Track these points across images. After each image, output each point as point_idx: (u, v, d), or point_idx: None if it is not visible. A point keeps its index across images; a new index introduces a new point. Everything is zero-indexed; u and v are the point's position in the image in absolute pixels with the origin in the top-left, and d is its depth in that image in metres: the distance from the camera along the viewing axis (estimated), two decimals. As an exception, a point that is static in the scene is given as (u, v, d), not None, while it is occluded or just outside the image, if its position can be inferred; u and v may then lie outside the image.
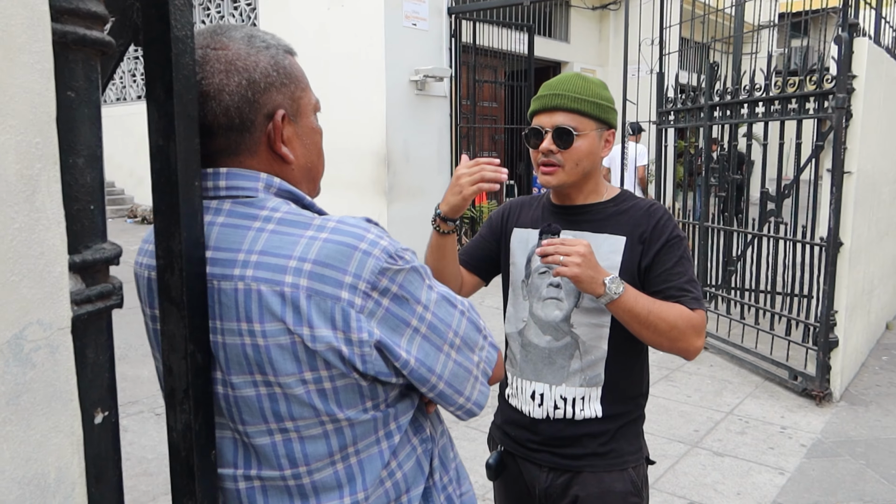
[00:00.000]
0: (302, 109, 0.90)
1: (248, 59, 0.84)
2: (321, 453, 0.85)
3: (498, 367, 0.98)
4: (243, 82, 0.83)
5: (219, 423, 0.87)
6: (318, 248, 0.79)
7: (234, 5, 9.32)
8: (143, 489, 2.93)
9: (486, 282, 1.66)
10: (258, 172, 0.86)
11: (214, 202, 0.86)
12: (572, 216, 1.50)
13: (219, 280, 0.81)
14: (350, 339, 0.80)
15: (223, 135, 0.84)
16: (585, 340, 1.45)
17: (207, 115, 0.83)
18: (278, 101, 0.86)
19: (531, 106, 1.49)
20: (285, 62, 0.88)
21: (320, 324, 0.79)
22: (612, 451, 1.47)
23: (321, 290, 0.78)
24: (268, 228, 0.82)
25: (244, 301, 0.80)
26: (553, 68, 11.43)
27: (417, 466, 0.93)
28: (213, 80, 0.82)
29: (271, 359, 0.80)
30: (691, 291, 1.41)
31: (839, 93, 3.71)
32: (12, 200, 0.57)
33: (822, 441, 3.48)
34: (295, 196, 0.88)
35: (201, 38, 0.85)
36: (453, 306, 0.89)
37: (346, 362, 0.80)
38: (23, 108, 0.57)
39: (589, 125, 1.42)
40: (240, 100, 0.83)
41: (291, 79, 0.88)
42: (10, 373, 0.58)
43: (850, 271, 3.91)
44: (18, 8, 0.56)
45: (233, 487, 0.88)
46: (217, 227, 0.84)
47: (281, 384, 0.81)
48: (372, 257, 0.80)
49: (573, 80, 1.44)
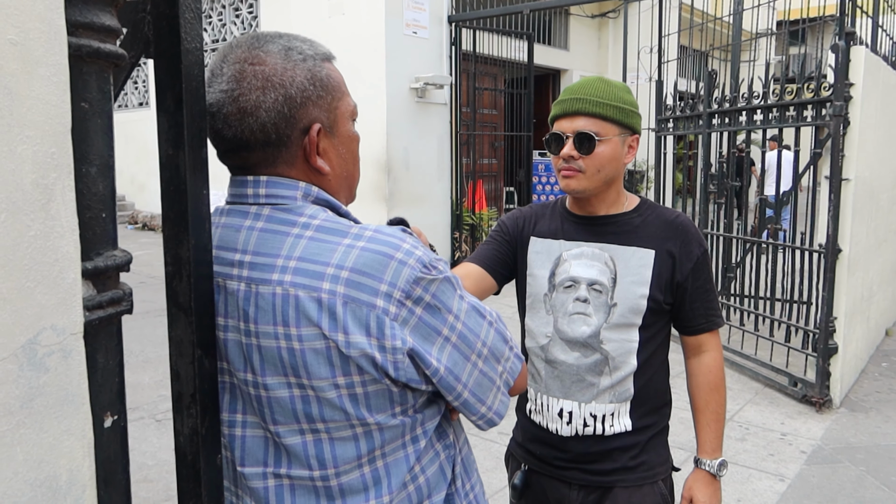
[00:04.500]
0: (339, 119, 0.91)
1: (285, 74, 0.85)
2: (350, 456, 0.86)
3: (521, 377, 0.98)
4: (280, 98, 0.84)
5: (249, 423, 0.88)
6: (355, 257, 0.81)
7: (235, 13, 9.37)
8: (143, 496, 2.93)
9: (499, 287, 1.57)
10: (297, 181, 0.88)
11: (254, 208, 0.87)
12: (596, 227, 1.45)
13: (257, 284, 0.83)
14: (384, 346, 0.81)
15: (260, 149, 0.86)
16: (615, 356, 1.42)
17: (245, 132, 0.84)
18: (314, 115, 0.87)
19: (552, 111, 1.44)
20: (322, 73, 0.89)
21: (355, 330, 0.80)
22: (643, 464, 1.45)
23: (357, 298, 0.80)
24: (306, 235, 0.84)
25: (282, 305, 0.81)
26: (553, 76, 11.48)
27: (440, 472, 0.94)
28: (250, 96, 0.83)
29: (306, 362, 0.81)
30: (716, 309, 1.49)
31: (837, 100, 3.73)
32: (28, 209, 0.58)
33: (822, 448, 3.49)
34: (332, 205, 0.90)
35: (239, 51, 0.86)
36: (482, 317, 0.91)
37: (379, 369, 0.82)
38: (39, 118, 0.59)
39: (612, 130, 1.37)
40: (276, 116, 0.84)
41: (328, 90, 0.89)
42: (24, 377, 0.59)
43: (849, 278, 3.92)
44: (36, 22, 0.58)
45: (261, 486, 0.89)
46: (256, 233, 0.86)
47: (314, 387, 0.82)
48: (407, 267, 0.82)
49: (595, 83, 1.40)
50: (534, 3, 7.34)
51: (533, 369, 1.51)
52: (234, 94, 0.84)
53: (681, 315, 1.46)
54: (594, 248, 1.44)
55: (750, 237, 4.94)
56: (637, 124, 1.42)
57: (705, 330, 1.47)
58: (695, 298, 1.44)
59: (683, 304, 1.44)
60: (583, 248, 1.44)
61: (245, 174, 0.89)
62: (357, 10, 7.47)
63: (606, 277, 1.41)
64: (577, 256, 1.44)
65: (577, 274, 1.43)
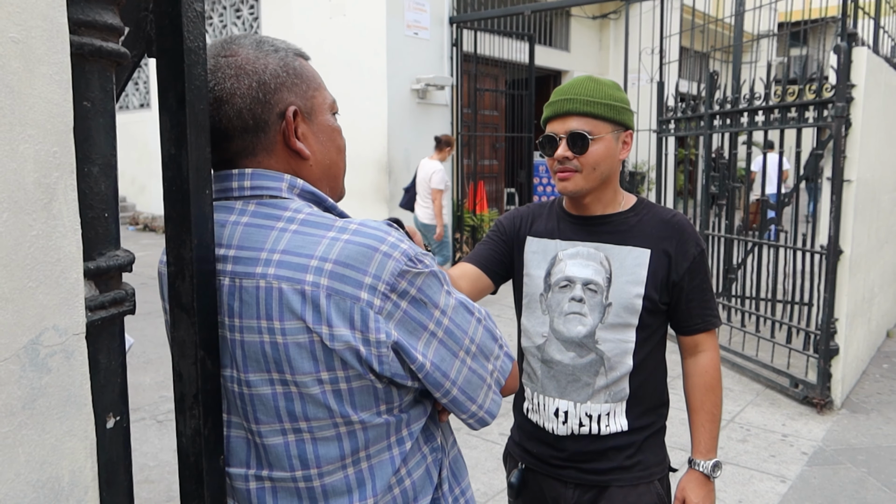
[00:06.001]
0: (316, 108, 0.92)
1: (258, 62, 0.86)
2: (333, 456, 0.85)
3: (512, 377, 0.98)
4: (253, 84, 0.85)
5: (232, 423, 0.88)
6: (339, 249, 0.81)
7: (236, 15, 9.38)
8: (144, 496, 2.93)
9: (495, 287, 1.58)
10: (282, 173, 0.88)
11: (239, 202, 0.87)
12: (592, 227, 1.46)
13: (241, 278, 0.83)
14: (368, 339, 0.81)
15: (239, 137, 0.86)
16: (611, 356, 1.42)
17: (222, 120, 0.85)
18: (290, 100, 0.88)
19: (544, 113, 1.44)
20: (295, 63, 0.90)
21: (339, 323, 0.80)
22: (639, 464, 1.45)
23: (341, 290, 0.80)
24: (291, 229, 0.83)
25: (265, 299, 0.81)
26: (553, 77, 11.48)
27: (426, 475, 0.93)
28: (224, 85, 0.85)
29: (289, 357, 0.81)
30: (713, 309, 1.48)
31: (838, 101, 3.73)
32: (30, 208, 0.58)
33: (823, 449, 3.48)
34: (317, 198, 0.90)
35: (213, 49, 0.87)
36: (470, 313, 0.90)
37: (363, 362, 0.81)
38: (41, 118, 0.58)
39: (604, 128, 1.38)
40: (251, 101, 0.85)
41: (302, 78, 0.90)
42: (26, 377, 0.59)
43: (851, 279, 3.91)
44: (38, 20, 0.57)
45: (243, 487, 0.88)
46: (241, 227, 0.85)
47: (297, 383, 0.82)
48: (392, 259, 0.82)
49: (584, 83, 1.40)
50: (535, 4, 7.35)
51: (529, 369, 1.52)
52: (210, 86, 0.84)
53: (677, 315, 1.46)
54: (589, 247, 1.44)
55: (749, 238, 4.94)
56: (629, 120, 1.42)
57: (702, 330, 1.47)
58: (691, 298, 1.44)
59: (680, 303, 1.44)
60: (578, 248, 1.45)
61: (228, 168, 0.88)
62: (358, 10, 7.48)
63: (601, 277, 1.42)
64: (573, 256, 1.44)
65: (573, 274, 1.43)
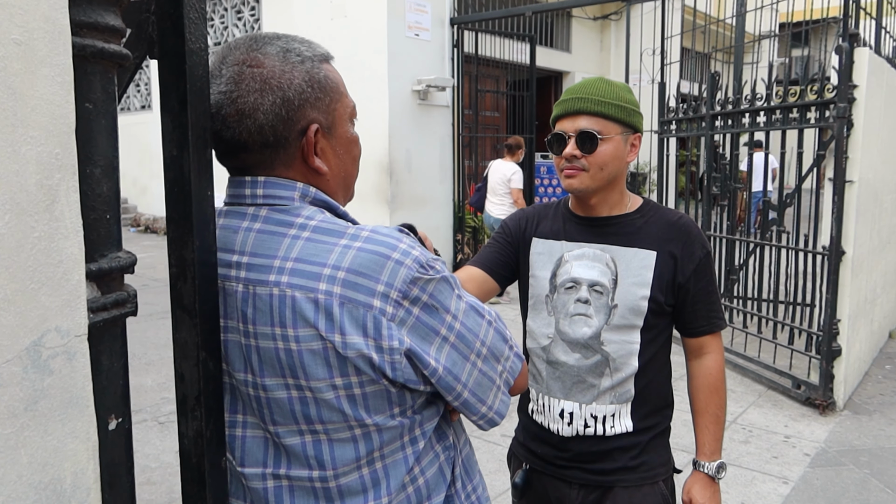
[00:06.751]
0: (337, 120, 0.91)
1: (283, 76, 0.85)
2: (349, 458, 0.86)
3: (522, 377, 0.98)
4: (277, 101, 0.84)
5: (248, 423, 0.88)
6: (351, 257, 0.81)
7: (237, 16, 9.39)
8: (146, 498, 2.93)
9: (501, 289, 1.58)
10: (295, 182, 0.88)
11: (251, 209, 0.88)
12: (598, 228, 1.45)
13: (254, 285, 0.83)
14: (381, 346, 0.81)
15: (258, 151, 0.86)
16: (616, 358, 1.42)
17: (243, 133, 0.85)
18: (312, 117, 0.87)
19: (554, 111, 1.44)
20: (320, 75, 0.89)
21: (352, 331, 0.80)
22: (643, 465, 1.45)
23: (354, 298, 0.80)
24: (303, 236, 0.84)
25: (278, 306, 0.81)
26: (555, 78, 11.48)
27: (440, 473, 0.94)
28: (248, 98, 0.84)
29: (303, 363, 0.81)
30: (719, 311, 1.49)
31: (840, 102, 3.72)
32: (33, 210, 0.58)
33: (825, 450, 3.47)
34: (329, 205, 0.90)
35: (238, 53, 0.86)
36: (481, 316, 0.91)
37: (377, 369, 0.82)
38: (43, 119, 0.58)
39: (613, 129, 1.37)
40: (274, 118, 0.84)
41: (326, 91, 0.89)
42: (28, 379, 0.59)
43: (853, 280, 3.91)
44: (40, 22, 0.57)
45: (260, 486, 0.89)
46: (254, 234, 0.86)
47: (312, 388, 0.82)
48: (404, 267, 0.82)
49: (596, 83, 1.40)
50: (536, 6, 7.35)
51: (535, 370, 1.52)
52: (233, 96, 0.84)
53: (682, 317, 1.47)
54: (595, 249, 1.43)
55: (751, 238, 4.93)
56: (639, 123, 1.43)
57: (707, 332, 1.47)
58: (697, 300, 1.44)
59: (685, 305, 1.44)
60: (584, 249, 1.45)
61: (243, 175, 0.89)
62: (359, 12, 7.48)
63: (607, 279, 1.42)
64: (579, 257, 1.44)
65: (578, 275, 1.43)
